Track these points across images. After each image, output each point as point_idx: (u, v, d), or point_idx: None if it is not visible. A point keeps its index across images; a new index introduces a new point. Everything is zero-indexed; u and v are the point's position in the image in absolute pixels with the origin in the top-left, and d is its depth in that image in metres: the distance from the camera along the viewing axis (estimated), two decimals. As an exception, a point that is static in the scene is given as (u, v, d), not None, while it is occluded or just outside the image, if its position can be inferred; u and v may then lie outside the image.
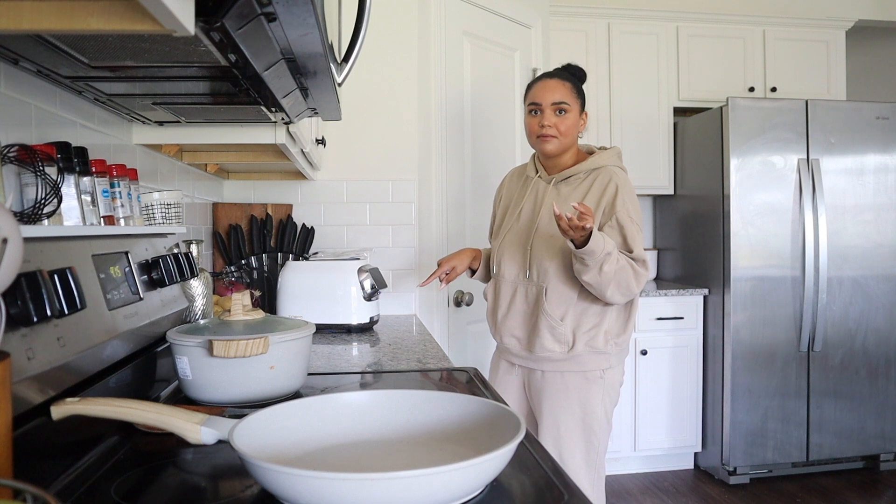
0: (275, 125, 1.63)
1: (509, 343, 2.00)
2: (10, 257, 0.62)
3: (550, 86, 1.95)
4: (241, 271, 2.50)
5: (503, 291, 2.01)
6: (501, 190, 2.19)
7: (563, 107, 1.93)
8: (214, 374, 1.14)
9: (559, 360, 1.91)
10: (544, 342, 1.89)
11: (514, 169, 2.22)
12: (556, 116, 1.93)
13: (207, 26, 0.79)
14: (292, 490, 0.67)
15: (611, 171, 1.91)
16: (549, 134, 1.93)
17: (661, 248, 4.07)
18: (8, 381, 0.63)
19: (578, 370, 1.90)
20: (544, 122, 1.93)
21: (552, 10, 3.45)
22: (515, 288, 1.98)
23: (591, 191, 1.90)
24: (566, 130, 1.93)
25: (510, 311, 1.99)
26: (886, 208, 3.44)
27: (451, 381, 1.45)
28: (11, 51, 0.94)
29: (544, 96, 1.94)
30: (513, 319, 1.98)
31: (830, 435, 3.40)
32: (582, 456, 1.90)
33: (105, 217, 1.18)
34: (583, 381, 1.90)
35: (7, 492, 0.56)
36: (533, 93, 1.98)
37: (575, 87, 1.97)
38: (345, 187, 2.69)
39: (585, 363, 1.90)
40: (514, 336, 1.98)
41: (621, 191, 1.86)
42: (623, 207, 1.84)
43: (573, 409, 1.90)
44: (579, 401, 1.90)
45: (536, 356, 1.93)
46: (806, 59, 3.90)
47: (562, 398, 1.91)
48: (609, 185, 1.88)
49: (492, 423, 0.85)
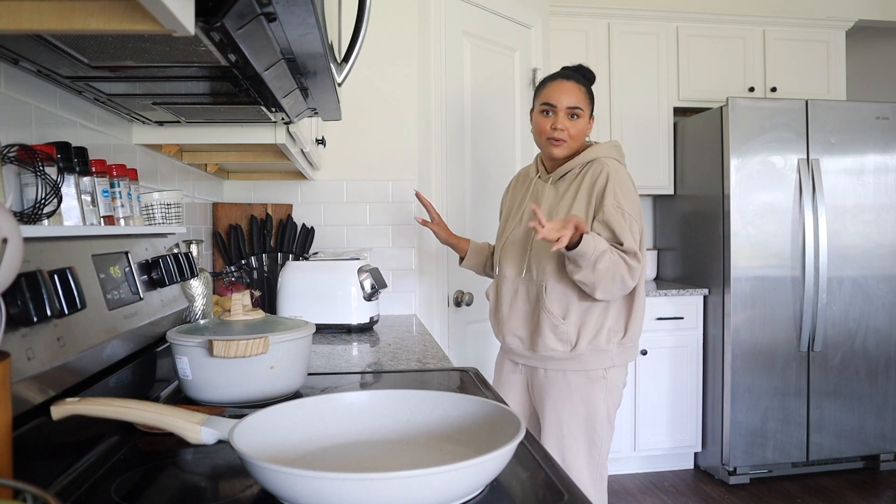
0: (275, 125, 1.63)
1: (512, 343, 1.99)
2: (10, 257, 0.62)
3: (567, 88, 1.92)
4: (241, 271, 2.50)
5: (505, 291, 2.01)
6: (507, 193, 2.20)
7: (577, 112, 1.91)
8: (214, 374, 1.14)
9: (562, 359, 1.90)
10: (547, 341, 1.89)
11: (521, 171, 2.22)
12: (569, 121, 1.91)
13: (207, 26, 0.79)
14: (292, 490, 0.67)
15: (602, 162, 1.89)
16: (560, 138, 1.91)
17: (661, 248, 4.07)
18: (8, 381, 0.63)
19: (581, 369, 1.90)
20: (557, 126, 1.90)
21: (552, 10, 3.45)
22: (517, 287, 1.98)
23: (583, 185, 1.88)
24: (576, 135, 1.92)
25: (512, 310, 1.99)
26: (886, 208, 3.44)
27: (451, 381, 1.45)
28: (11, 51, 0.94)
29: (560, 98, 1.91)
30: (515, 319, 1.98)
31: (830, 435, 3.40)
32: (584, 456, 1.90)
33: (105, 217, 1.18)
34: (585, 381, 1.90)
35: (7, 492, 0.56)
36: (547, 92, 1.95)
37: (588, 93, 1.96)
38: (345, 187, 2.69)
39: (588, 362, 1.89)
40: (517, 335, 1.98)
41: (611, 181, 1.83)
42: (612, 199, 1.81)
43: (576, 408, 1.90)
44: (582, 400, 1.90)
45: (539, 355, 1.93)
46: (806, 59, 3.90)
47: (564, 397, 1.91)
48: (599, 178, 1.85)
49: (492, 423, 0.85)
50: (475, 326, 2.88)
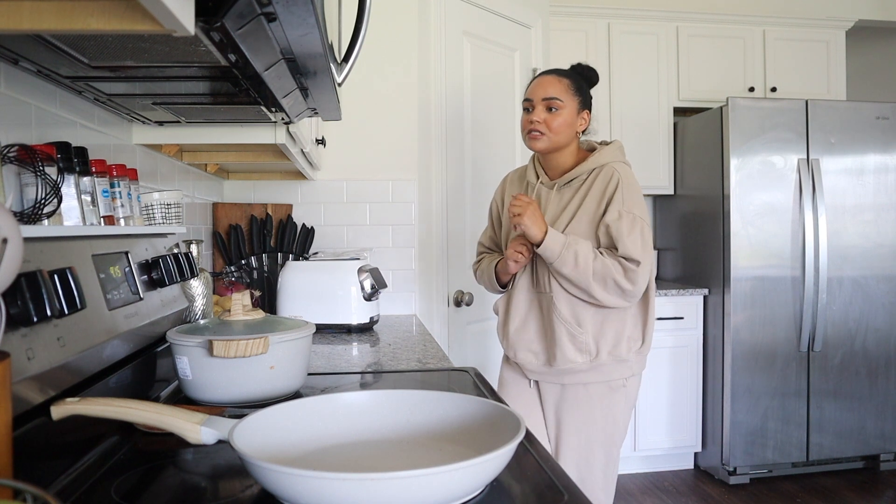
0: (275, 125, 1.63)
1: (525, 359, 1.91)
2: (10, 257, 0.62)
3: (543, 82, 1.88)
4: (241, 271, 2.50)
5: (516, 303, 1.92)
6: (502, 195, 2.08)
7: (553, 103, 1.84)
8: (214, 374, 1.14)
9: (582, 372, 1.83)
10: (566, 353, 1.81)
11: (513, 172, 2.12)
12: (547, 113, 1.85)
13: (207, 26, 0.79)
14: (292, 490, 0.67)
15: (612, 167, 1.83)
16: (537, 130, 1.85)
17: (661, 248, 4.07)
18: (8, 381, 0.63)
19: (602, 380, 1.84)
20: (533, 118, 1.85)
21: (552, 10, 3.45)
22: (529, 299, 1.90)
23: (592, 191, 1.83)
24: (557, 128, 1.84)
25: (525, 324, 1.91)
26: (886, 208, 3.44)
27: (451, 381, 1.44)
28: (11, 51, 0.94)
29: (535, 91, 1.87)
30: (528, 332, 1.90)
31: (830, 435, 3.40)
32: (601, 468, 1.86)
33: (105, 217, 1.18)
34: (606, 391, 1.84)
35: (7, 492, 0.56)
36: (528, 90, 1.92)
37: (573, 84, 1.88)
38: (345, 187, 2.69)
39: (609, 372, 1.84)
40: (531, 350, 1.90)
41: (621, 187, 1.78)
42: (619, 204, 1.76)
43: (596, 421, 1.85)
44: (602, 411, 1.85)
45: (557, 369, 1.84)
46: (806, 59, 3.90)
47: (585, 411, 1.85)
48: (610, 184, 1.80)
49: (492, 423, 0.85)
50: (475, 326, 2.88)
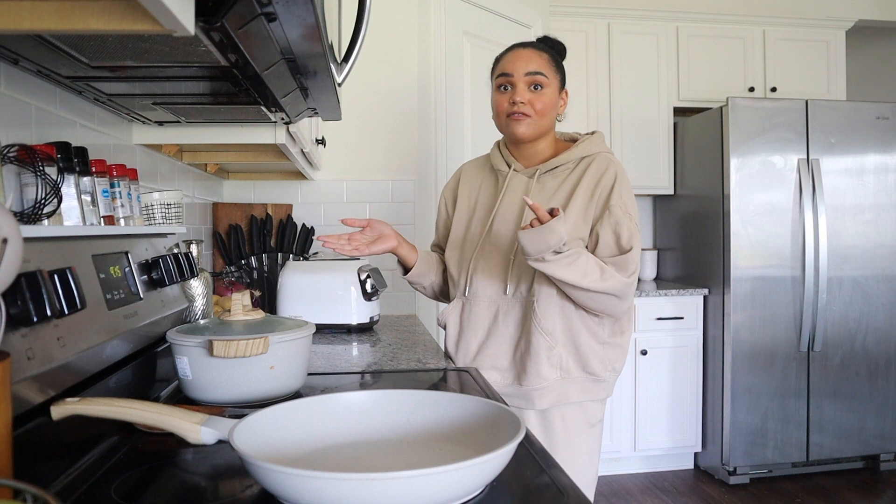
0: (275, 125, 1.63)
1: (487, 378, 1.55)
2: (10, 257, 0.62)
3: (524, 55, 1.61)
4: (241, 271, 2.50)
5: (478, 314, 1.65)
6: (456, 188, 1.81)
7: (539, 80, 1.59)
8: (214, 374, 1.14)
9: (554, 392, 1.59)
10: (540, 369, 1.56)
11: (471, 162, 1.86)
12: (531, 92, 1.59)
13: (207, 26, 0.79)
14: (292, 490, 0.67)
15: (606, 158, 1.61)
16: (522, 112, 1.58)
17: (661, 248, 4.07)
18: (8, 381, 0.63)
19: (576, 402, 1.60)
20: (516, 98, 1.58)
21: (552, 10, 3.45)
22: (497, 308, 1.64)
23: (583, 182, 1.58)
24: (543, 109, 1.59)
25: (490, 337, 1.64)
26: (886, 208, 3.44)
27: (451, 381, 1.44)
28: (11, 51, 0.94)
29: (516, 66, 1.60)
30: (495, 347, 1.63)
31: (830, 435, 3.40)
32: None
33: (105, 217, 1.19)
34: (585, 427, 1.62)
35: (7, 492, 0.56)
36: (502, 64, 1.64)
37: (553, 60, 1.64)
38: (345, 187, 2.69)
39: (581, 393, 1.60)
40: (497, 368, 1.63)
41: (619, 182, 1.56)
42: (619, 202, 1.55)
43: (584, 471, 1.60)
44: (580, 450, 1.61)
45: (526, 390, 1.58)
46: (806, 59, 3.90)
47: (564, 457, 1.56)
48: (605, 176, 1.57)
49: (492, 423, 0.85)
50: (475, 326, 2.88)
